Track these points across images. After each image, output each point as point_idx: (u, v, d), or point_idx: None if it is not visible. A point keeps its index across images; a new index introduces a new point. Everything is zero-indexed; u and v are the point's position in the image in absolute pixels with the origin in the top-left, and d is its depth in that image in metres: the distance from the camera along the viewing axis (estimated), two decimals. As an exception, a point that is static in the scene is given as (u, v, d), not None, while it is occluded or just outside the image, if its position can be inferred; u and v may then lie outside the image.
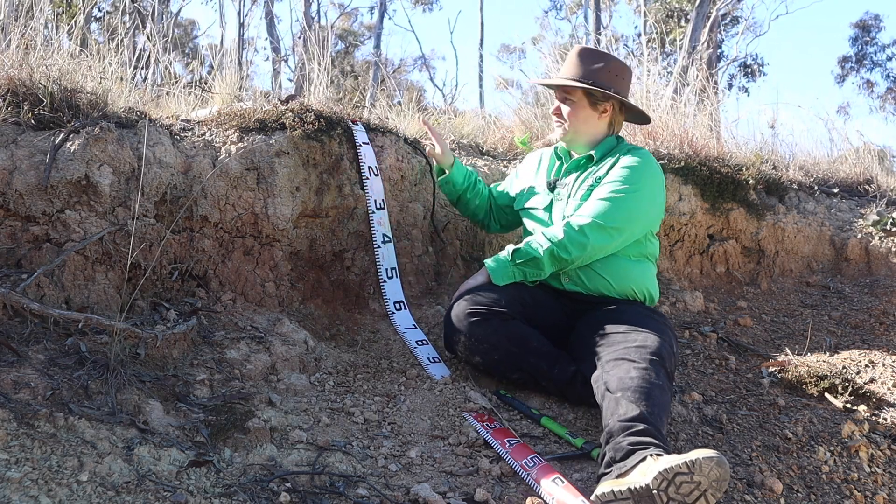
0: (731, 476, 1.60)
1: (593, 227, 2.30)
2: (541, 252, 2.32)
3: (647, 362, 1.97)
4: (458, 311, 2.32)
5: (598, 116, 2.49)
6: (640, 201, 2.37)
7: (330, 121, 2.84)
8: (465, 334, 2.29)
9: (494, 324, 2.27)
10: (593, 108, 2.48)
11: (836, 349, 2.88)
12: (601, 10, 16.60)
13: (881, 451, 2.10)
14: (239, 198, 2.59)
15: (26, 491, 1.37)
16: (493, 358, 2.29)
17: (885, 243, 3.62)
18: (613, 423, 1.81)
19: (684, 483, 1.56)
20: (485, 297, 2.32)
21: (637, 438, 1.74)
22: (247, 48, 15.21)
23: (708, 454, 1.58)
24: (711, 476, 1.57)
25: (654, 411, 1.83)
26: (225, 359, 2.21)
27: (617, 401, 1.86)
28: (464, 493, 1.75)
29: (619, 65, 2.50)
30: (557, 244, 2.31)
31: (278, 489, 1.62)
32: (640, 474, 1.62)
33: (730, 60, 16.16)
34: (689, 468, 1.56)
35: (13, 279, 2.10)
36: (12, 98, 2.35)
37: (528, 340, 2.28)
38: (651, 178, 2.41)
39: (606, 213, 2.31)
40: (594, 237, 2.29)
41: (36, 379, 1.79)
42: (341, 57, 19.74)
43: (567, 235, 2.31)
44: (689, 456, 1.58)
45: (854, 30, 19.79)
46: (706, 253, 3.60)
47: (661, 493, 1.57)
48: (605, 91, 2.44)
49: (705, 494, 1.57)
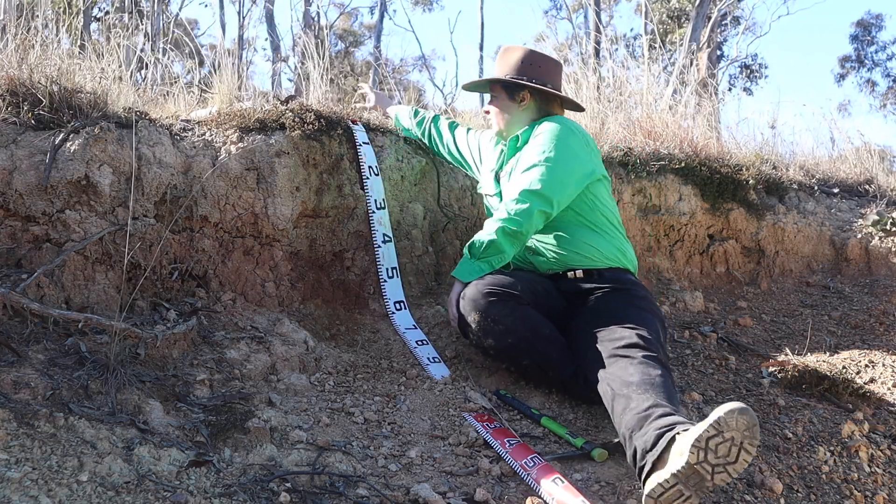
0: (757, 440, 1.56)
1: (528, 193, 2.36)
2: (493, 235, 2.37)
3: (642, 355, 2.00)
4: (474, 290, 2.32)
5: (518, 106, 2.62)
6: (560, 159, 2.42)
7: (330, 121, 2.84)
8: (481, 312, 2.28)
9: (511, 305, 2.29)
10: (512, 100, 2.62)
11: (836, 349, 2.88)
12: (601, 10, 16.59)
13: (881, 451, 2.10)
14: (239, 198, 2.59)
15: (26, 491, 1.37)
16: (507, 342, 2.28)
17: (885, 243, 3.62)
18: (630, 418, 1.81)
19: (720, 445, 1.55)
20: (502, 279, 2.34)
21: (660, 422, 1.73)
22: (247, 48, 15.22)
23: (730, 407, 1.56)
24: (741, 427, 1.55)
25: (666, 395, 1.85)
26: (225, 359, 2.21)
27: (627, 397, 1.88)
28: (464, 493, 1.75)
29: (536, 56, 2.64)
30: (505, 220, 2.36)
31: (278, 489, 1.62)
32: (677, 454, 1.61)
33: (730, 61, 16.17)
34: (718, 428, 1.54)
35: (13, 279, 2.10)
36: (12, 98, 2.35)
37: (540, 327, 2.30)
38: (565, 137, 2.47)
39: (534, 178, 2.38)
40: (532, 201, 2.35)
41: (36, 379, 1.79)
42: (341, 57, 19.73)
43: (508, 209, 2.37)
44: (713, 416, 1.56)
45: (855, 29, 19.79)
46: (706, 253, 3.60)
47: (703, 464, 1.55)
48: (518, 81, 2.57)
49: (743, 447, 1.55)
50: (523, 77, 2.58)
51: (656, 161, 3.51)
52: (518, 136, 2.59)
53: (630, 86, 4.24)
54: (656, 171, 3.48)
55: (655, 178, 3.48)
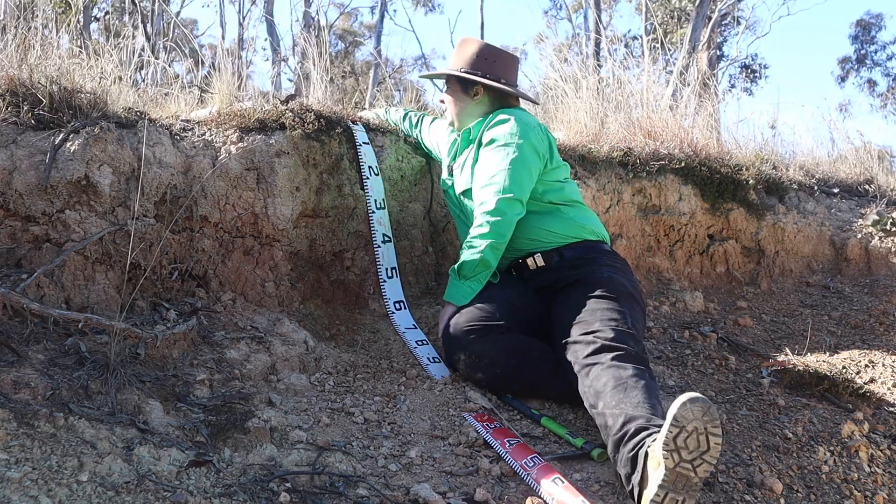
0: (718, 421, 1.58)
1: (503, 202, 2.38)
2: (481, 253, 2.38)
3: (609, 359, 2.00)
4: (455, 328, 2.34)
5: (471, 99, 2.65)
6: (523, 159, 2.43)
7: (330, 121, 2.84)
8: (465, 351, 2.31)
9: (492, 338, 2.29)
10: (465, 93, 2.65)
11: (836, 349, 2.88)
12: (601, 10, 16.58)
13: (881, 451, 2.10)
14: (239, 198, 2.59)
15: (26, 491, 1.37)
16: (495, 373, 2.29)
17: (885, 243, 3.62)
18: (611, 445, 1.84)
19: (687, 439, 1.56)
20: (480, 311, 2.35)
21: (631, 443, 1.76)
22: (247, 48, 15.21)
23: (680, 401, 1.57)
24: (698, 415, 1.56)
25: (636, 401, 1.85)
26: (225, 359, 2.21)
27: (603, 416, 1.90)
28: (464, 493, 1.75)
29: (491, 50, 2.66)
30: (489, 236, 2.38)
31: (278, 489, 1.62)
32: (655, 466, 1.62)
33: (730, 61, 16.17)
34: (678, 425, 1.56)
35: (13, 279, 2.10)
36: (12, 98, 2.35)
37: (528, 350, 2.29)
38: (525, 133, 2.46)
39: (505, 184, 2.39)
40: (508, 209, 2.38)
41: (36, 379, 1.79)
42: (341, 57, 19.72)
43: (488, 221, 2.38)
44: (669, 415, 1.57)
45: (855, 29, 19.79)
46: (706, 253, 3.60)
47: (682, 464, 1.56)
48: (471, 75, 2.59)
49: (709, 432, 1.56)
50: (478, 71, 2.61)
51: (656, 161, 3.51)
52: (470, 129, 2.62)
53: (630, 86, 4.24)
54: (656, 171, 3.48)
55: (655, 178, 3.48)
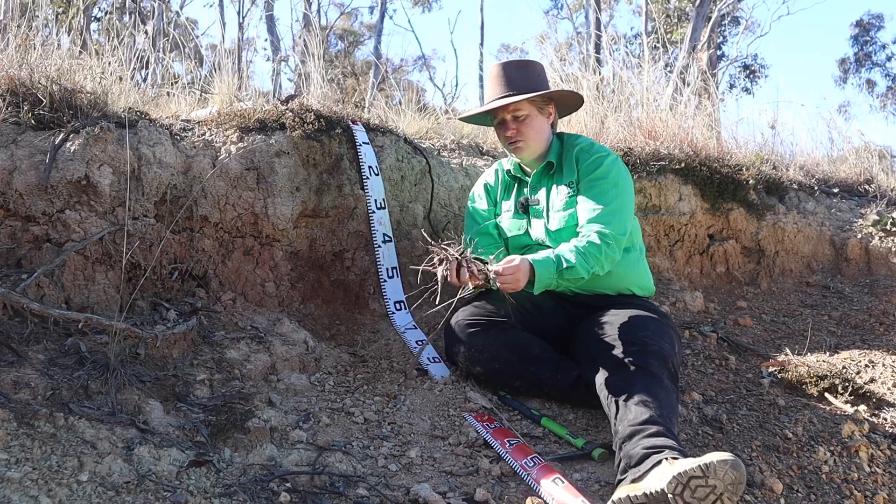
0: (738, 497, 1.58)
1: (616, 239, 2.24)
2: (588, 272, 2.20)
3: (649, 366, 1.97)
4: (457, 322, 2.33)
5: (546, 120, 2.46)
6: (629, 198, 2.37)
7: (330, 121, 2.84)
8: (465, 344, 2.31)
9: (493, 333, 2.29)
10: (541, 114, 2.43)
11: (836, 349, 2.88)
12: (601, 10, 16.58)
13: (881, 451, 2.10)
14: (239, 198, 2.59)
15: (26, 491, 1.37)
16: (494, 367, 2.29)
17: (885, 243, 3.62)
18: (624, 429, 1.81)
19: (699, 487, 1.55)
20: (483, 308, 2.33)
21: (650, 441, 1.73)
22: (247, 48, 15.20)
23: (723, 457, 1.56)
24: (727, 480, 1.56)
25: (664, 413, 1.83)
26: (225, 359, 2.21)
27: (625, 406, 1.86)
28: (464, 493, 1.75)
29: (537, 65, 2.49)
30: (602, 264, 2.23)
31: (278, 489, 1.62)
32: (656, 479, 1.61)
33: (730, 61, 16.16)
34: (704, 472, 1.55)
35: (13, 279, 2.10)
36: (12, 98, 2.35)
37: (528, 348, 2.28)
38: (622, 169, 2.40)
39: (618, 222, 2.27)
40: (616, 249, 2.26)
41: (36, 379, 1.79)
42: (341, 57, 19.72)
43: (608, 258, 2.24)
44: (704, 459, 1.57)
45: (855, 29, 19.78)
46: (706, 253, 3.60)
47: (677, 497, 1.56)
48: (548, 92, 2.41)
49: (721, 498, 1.56)
50: (542, 88, 2.40)
51: (656, 161, 3.51)
52: (551, 161, 2.43)
53: (630, 86, 4.24)
54: (656, 171, 3.48)
55: (655, 178, 3.48)
